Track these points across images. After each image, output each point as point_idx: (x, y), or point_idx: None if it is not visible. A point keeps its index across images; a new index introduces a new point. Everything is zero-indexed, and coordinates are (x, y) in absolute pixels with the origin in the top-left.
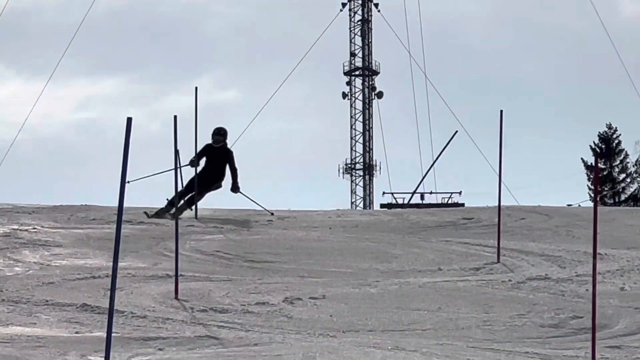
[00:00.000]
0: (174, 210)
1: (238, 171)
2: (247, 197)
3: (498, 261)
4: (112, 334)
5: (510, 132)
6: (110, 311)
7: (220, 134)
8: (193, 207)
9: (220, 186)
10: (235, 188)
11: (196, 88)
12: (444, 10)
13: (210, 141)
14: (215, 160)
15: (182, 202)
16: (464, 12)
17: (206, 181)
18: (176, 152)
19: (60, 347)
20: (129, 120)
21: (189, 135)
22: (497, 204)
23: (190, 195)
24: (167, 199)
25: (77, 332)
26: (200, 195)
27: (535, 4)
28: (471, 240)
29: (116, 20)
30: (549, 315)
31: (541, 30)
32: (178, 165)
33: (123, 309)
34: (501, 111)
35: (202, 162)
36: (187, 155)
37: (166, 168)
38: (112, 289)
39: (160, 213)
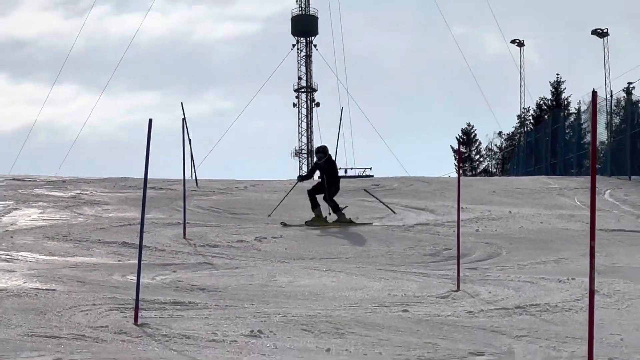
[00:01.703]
0: (324, 214)
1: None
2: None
3: (395, 213)
4: (142, 261)
5: (408, 128)
6: (140, 246)
7: (319, 151)
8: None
9: (338, 189)
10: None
11: (182, 103)
12: (364, 45)
13: (315, 159)
14: (327, 173)
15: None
16: (380, 46)
17: (327, 191)
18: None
19: (109, 270)
20: (150, 120)
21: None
22: (396, 175)
23: (334, 205)
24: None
25: (119, 260)
26: (331, 205)
27: (430, 40)
28: (369, 200)
29: (153, 50)
30: (429, 248)
31: (433, 59)
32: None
33: (149, 245)
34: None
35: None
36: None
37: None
38: (141, 232)
39: (316, 221)
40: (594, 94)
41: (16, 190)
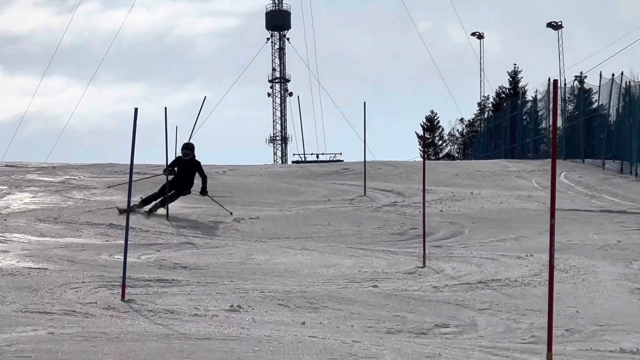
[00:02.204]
0: (146, 207)
1: (207, 178)
2: (213, 199)
3: (364, 194)
4: (128, 242)
5: (376, 116)
6: (127, 227)
7: (188, 148)
8: (164, 207)
9: (189, 192)
10: (204, 192)
11: (165, 108)
12: (335, 38)
13: (180, 154)
14: (186, 170)
15: (156, 202)
16: (350, 39)
17: (178, 187)
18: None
19: (97, 250)
20: (136, 110)
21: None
22: (363, 160)
23: (162, 197)
24: (142, 197)
25: (106, 241)
26: (172, 198)
27: (397, 33)
28: (348, 182)
29: (138, 44)
30: (397, 227)
31: (400, 51)
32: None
33: (134, 226)
34: (364, 102)
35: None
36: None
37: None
38: (127, 214)
39: (132, 208)
40: (554, 82)
41: (9, 176)
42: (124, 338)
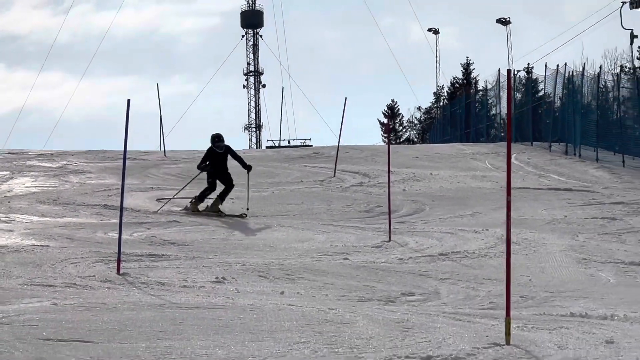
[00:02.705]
0: (205, 205)
1: (242, 158)
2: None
3: (334, 176)
4: (122, 220)
5: (342, 104)
6: (121, 208)
7: (221, 139)
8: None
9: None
10: (248, 168)
11: (157, 85)
12: (305, 34)
13: (212, 146)
14: (223, 161)
15: (216, 197)
16: (318, 34)
17: (225, 179)
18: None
19: (93, 228)
20: (128, 101)
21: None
22: (333, 144)
23: (221, 192)
24: (195, 196)
25: (101, 220)
26: (227, 192)
27: (362, 29)
28: (318, 165)
29: (127, 42)
30: (364, 205)
31: (364, 45)
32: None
33: (126, 207)
34: (345, 98)
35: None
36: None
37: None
38: (122, 196)
39: (193, 209)
40: (509, 71)
41: (11, 162)
42: (121, 308)
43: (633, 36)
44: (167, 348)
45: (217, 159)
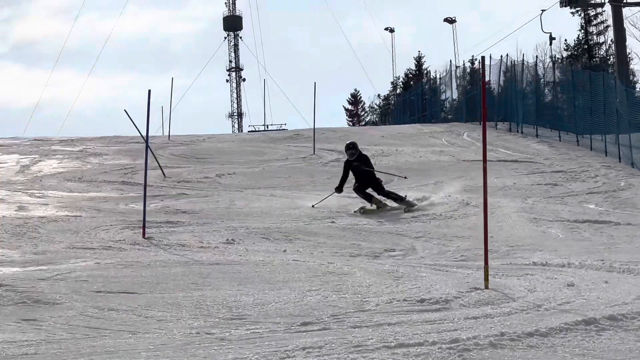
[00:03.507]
0: (372, 205)
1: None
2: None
3: (314, 153)
4: (141, 194)
5: (312, 93)
6: (145, 185)
7: (351, 148)
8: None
9: (381, 181)
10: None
11: (172, 78)
12: (279, 34)
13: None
14: (360, 170)
15: (380, 198)
16: (291, 34)
17: (367, 185)
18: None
19: (115, 201)
20: (149, 91)
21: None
22: (307, 127)
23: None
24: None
25: (122, 194)
26: (381, 194)
27: (329, 29)
28: (300, 145)
29: (128, 44)
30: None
31: (331, 43)
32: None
33: (140, 182)
34: (314, 83)
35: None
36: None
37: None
38: (145, 174)
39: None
40: (482, 58)
41: (38, 148)
42: (154, 265)
43: (552, 38)
44: (200, 296)
45: (356, 169)
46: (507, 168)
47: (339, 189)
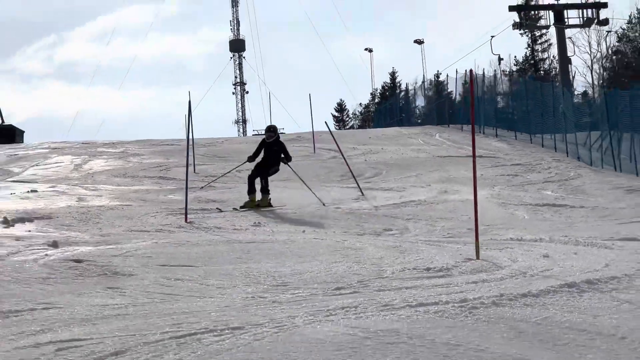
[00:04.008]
0: (256, 197)
1: (291, 158)
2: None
3: (314, 152)
4: (177, 186)
5: (305, 104)
6: (187, 181)
7: (270, 130)
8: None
9: (277, 169)
10: (288, 161)
11: (189, 92)
12: (277, 54)
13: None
14: (272, 152)
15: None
16: (287, 55)
17: (267, 167)
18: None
19: (156, 192)
20: (189, 93)
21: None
22: (304, 131)
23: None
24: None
25: (160, 187)
26: (265, 178)
27: (319, 49)
28: (302, 145)
29: (151, 63)
30: (340, 172)
31: (320, 60)
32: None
33: (174, 177)
34: (309, 94)
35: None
36: None
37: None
38: (187, 169)
39: (247, 205)
40: (471, 71)
41: (87, 149)
42: (202, 243)
43: (500, 58)
44: (247, 268)
45: (267, 149)
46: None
47: (251, 159)
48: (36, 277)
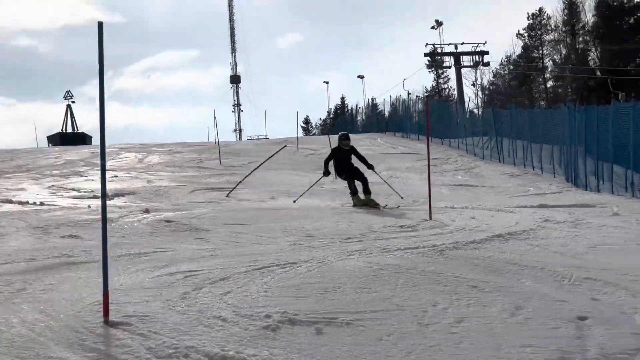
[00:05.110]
0: (362, 198)
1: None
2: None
3: (297, 150)
4: (213, 175)
5: (284, 119)
6: (219, 161)
7: (347, 138)
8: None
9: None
10: (371, 167)
11: (214, 111)
12: (265, 81)
13: (339, 145)
14: (348, 158)
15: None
16: (271, 83)
17: (353, 170)
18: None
19: (197, 178)
20: (214, 111)
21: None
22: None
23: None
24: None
25: (200, 173)
26: (363, 180)
27: (296, 79)
28: (288, 146)
29: (174, 91)
30: (318, 164)
31: (296, 91)
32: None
33: (208, 167)
34: (297, 112)
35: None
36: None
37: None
38: (219, 161)
39: (360, 202)
40: (428, 97)
41: (144, 149)
42: (245, 210)
43: (409, 93)
44: (282, 226)
45: (346, 156)
46: (406, 157)
47: (327, 173)
48: (145, 232)
